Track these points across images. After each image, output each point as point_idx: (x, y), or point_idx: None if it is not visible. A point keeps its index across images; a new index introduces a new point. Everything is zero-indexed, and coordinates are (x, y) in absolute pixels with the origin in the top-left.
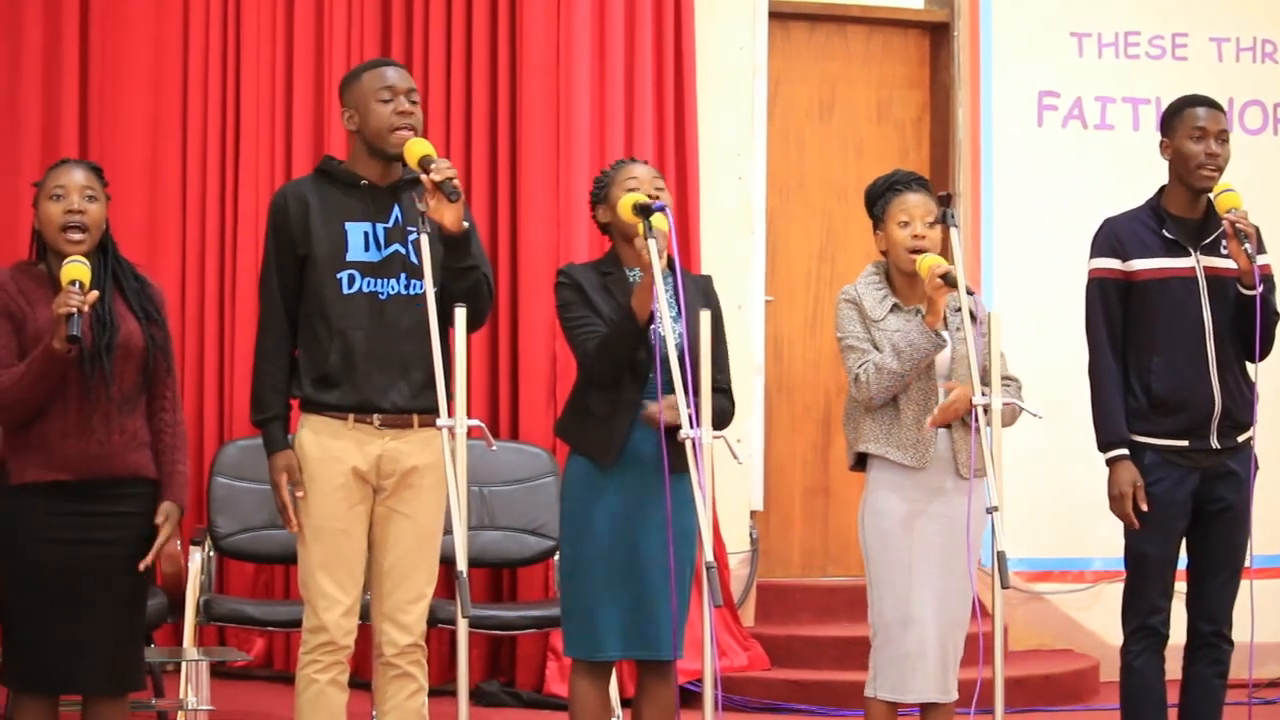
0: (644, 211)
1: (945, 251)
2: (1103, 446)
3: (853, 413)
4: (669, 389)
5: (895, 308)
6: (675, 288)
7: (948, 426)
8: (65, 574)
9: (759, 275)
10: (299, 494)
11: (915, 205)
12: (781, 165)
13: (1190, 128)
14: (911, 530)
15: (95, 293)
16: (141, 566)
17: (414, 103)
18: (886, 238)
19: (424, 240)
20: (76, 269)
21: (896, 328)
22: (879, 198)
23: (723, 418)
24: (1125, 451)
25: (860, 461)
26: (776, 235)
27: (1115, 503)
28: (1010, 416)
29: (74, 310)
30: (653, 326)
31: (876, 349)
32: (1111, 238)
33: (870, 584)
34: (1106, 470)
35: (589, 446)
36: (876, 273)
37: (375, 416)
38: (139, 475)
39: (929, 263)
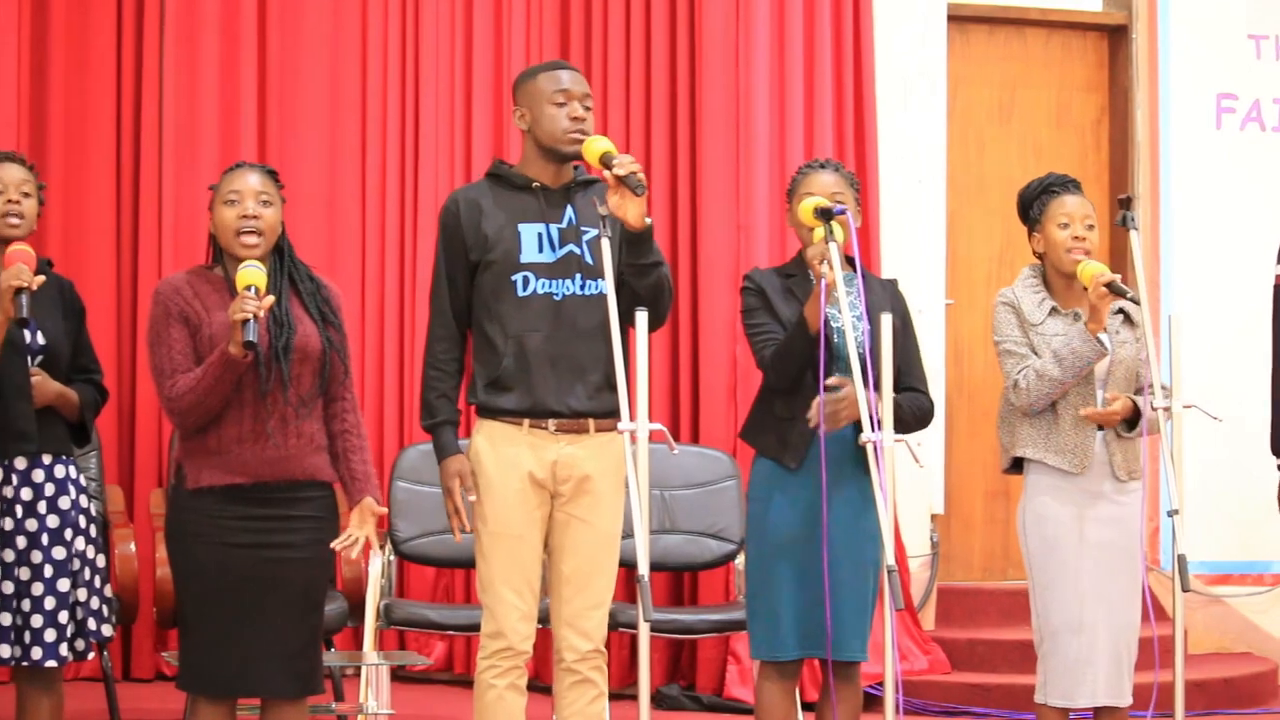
0: (824, 215)
1: (1125, 254)
2: (1275, 450)
3: (1008, 416)
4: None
5: (1054, 311)
6: (859, 290)
7: (1100, 428)
8: (242, 578)
9: (939, 279)
10: (472, 498)
11: (1074, 207)
12: (961, 168)
13: None
14: (1077, 534)
15: (271, 298)
16: (354, 554)
17: (588, 108)
18: (1045, 239)
19: (605, 241)
20: (252, 274)
21: (1056, 332)
22: (1034, 200)
23: (924, 417)
24: None
25: (1016, 465)
26: (956, 238)
27: None
28: (1153, 427)
29: (250, 316)
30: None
31: (1035, 353)
32: None
33: (1034, 589)
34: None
35: (773, 449)
36: (1034, 275)
37: (550, 421)
38: (316, 479)
39: (1092, 270)
